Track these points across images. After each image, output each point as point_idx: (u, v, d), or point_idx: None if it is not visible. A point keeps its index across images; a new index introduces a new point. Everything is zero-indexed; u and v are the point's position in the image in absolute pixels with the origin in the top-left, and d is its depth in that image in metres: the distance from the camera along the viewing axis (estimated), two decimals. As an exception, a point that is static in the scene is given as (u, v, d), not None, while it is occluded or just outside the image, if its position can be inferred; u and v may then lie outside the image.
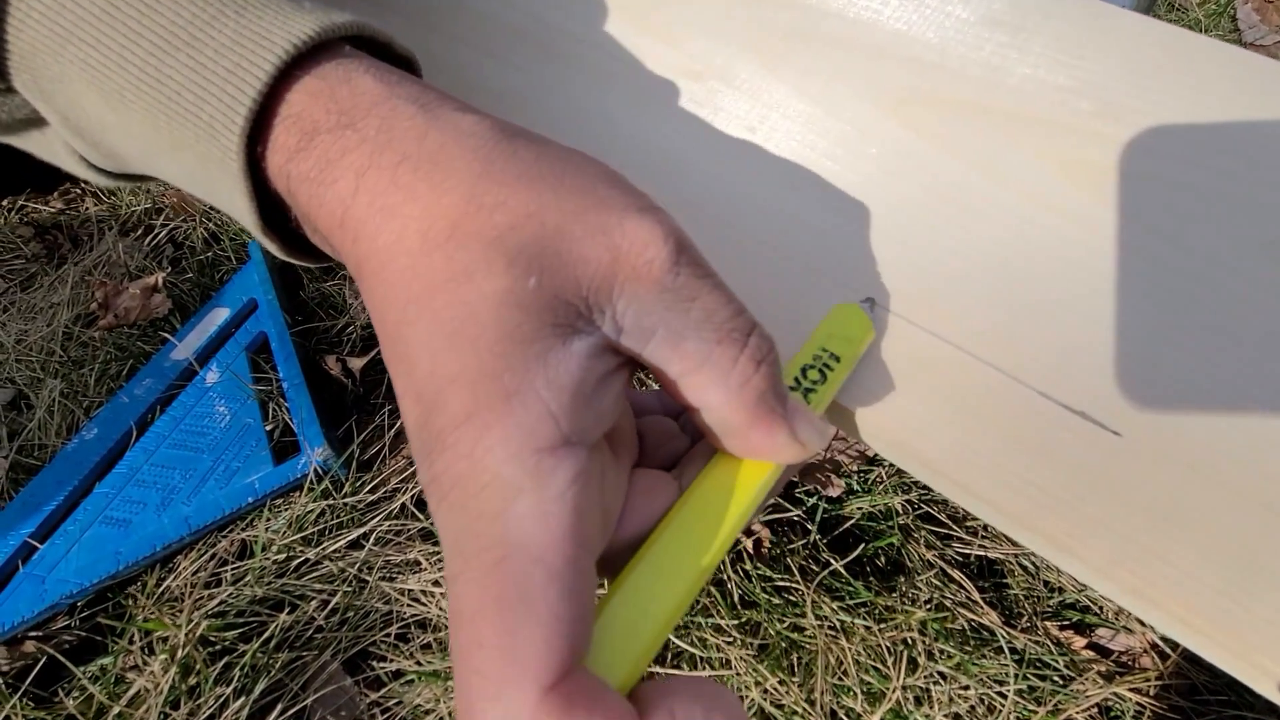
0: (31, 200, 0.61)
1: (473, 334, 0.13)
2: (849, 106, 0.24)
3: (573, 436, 0.13)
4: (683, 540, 0.15)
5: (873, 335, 0.20)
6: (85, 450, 0.40)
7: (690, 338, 0.14)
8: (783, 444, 0.15)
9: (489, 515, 0.12)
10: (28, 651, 0.31)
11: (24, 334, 0.49)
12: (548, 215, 0.14)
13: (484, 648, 0.12)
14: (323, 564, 0.35)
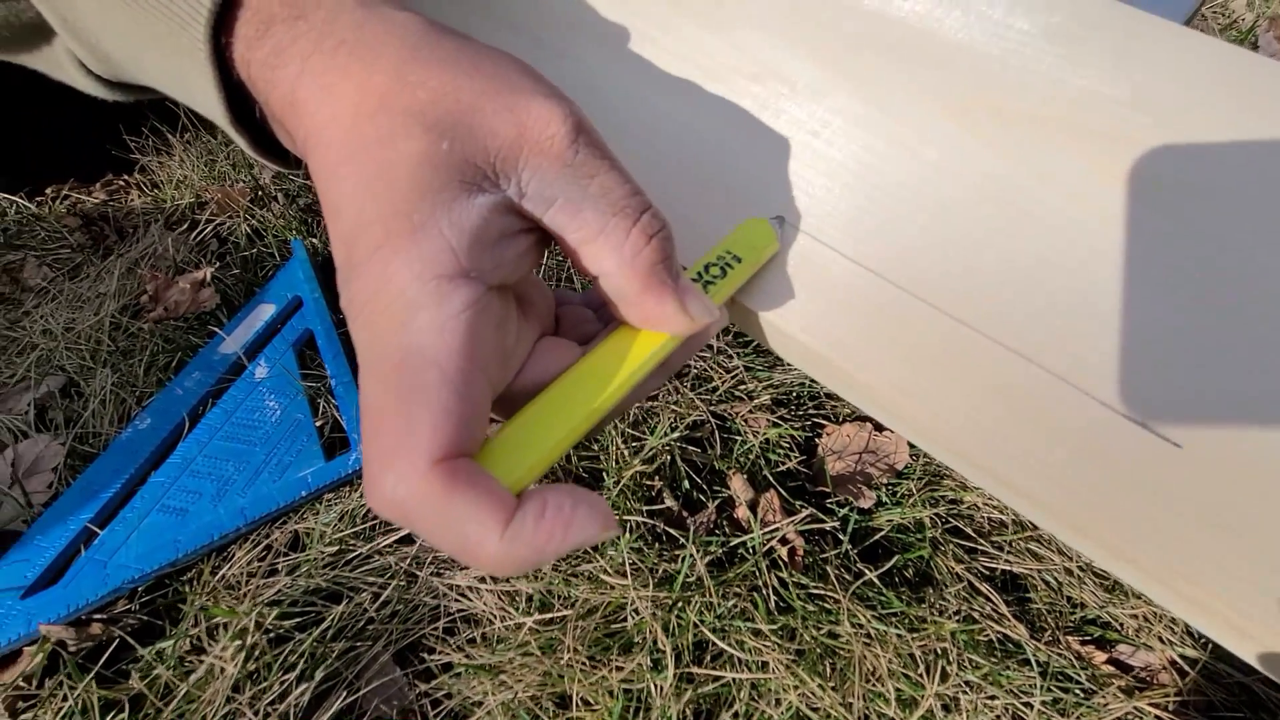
0: (75, 190, 0.62)
1: (389, 185, 0.15)
2: (911, 113, 0.24)
3: (471, 271, 0.15)
4: (574, 388, 0.17)
5: (777, 247, 0.23)
6: (139, 440, 0.41)
7: (587, 208, 0.17)
8: (671, 314, 0.18)
9: (394, 326, 0.15)
10: (94, 633, 0.33)
11: (72, 322, 0.51)
12: (463, 94, 0.17)
13: (383, 430, 0.14)
14: (374, 558, 0.36)
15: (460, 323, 0.15)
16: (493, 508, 0.14)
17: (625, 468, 0.40)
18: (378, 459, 0.14)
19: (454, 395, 0.14)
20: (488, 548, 0.14)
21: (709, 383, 0.46)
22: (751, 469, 0.42)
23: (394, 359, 0.14)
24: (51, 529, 0.37)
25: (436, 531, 0.14)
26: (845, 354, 0.21)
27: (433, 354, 0.14)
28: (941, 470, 0.43)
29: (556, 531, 0.14)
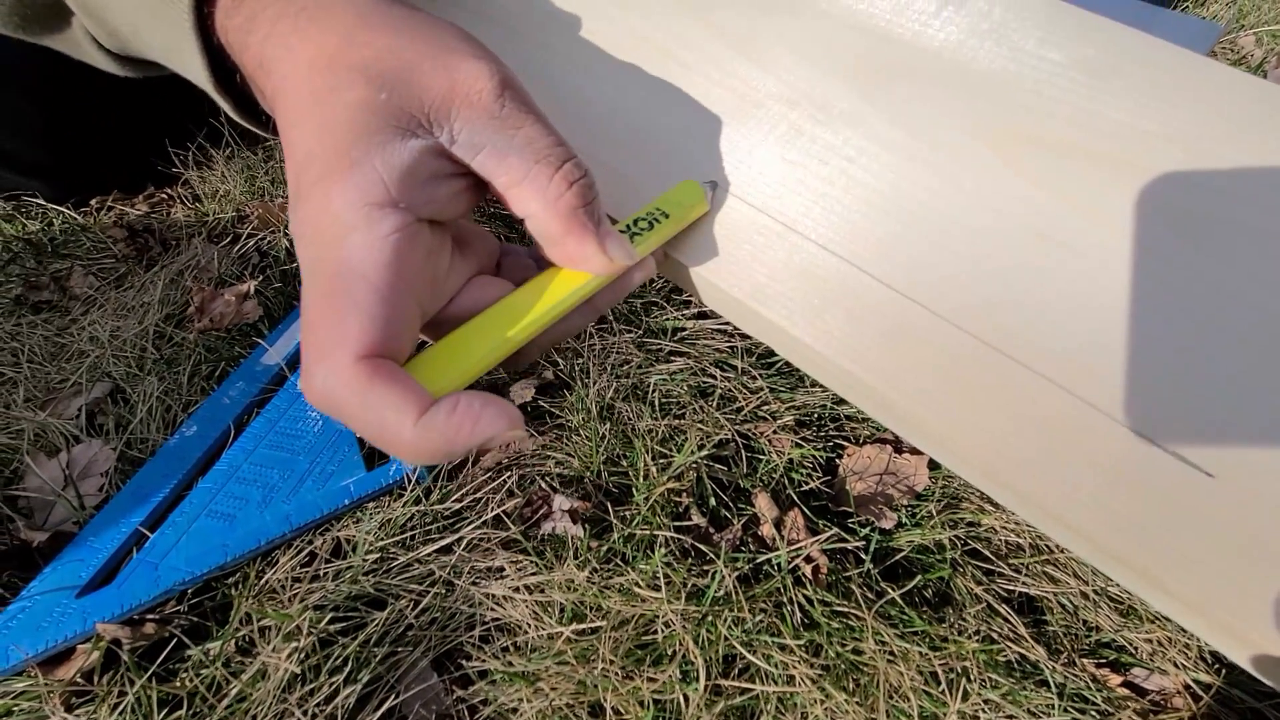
0: (119, 202, 0.65)
1: (333, 128, 0.18)
2: (946, 141, 0.25)
3: (400, 202, 0.17)
4: (498, 316, 0.19)
5: (706, 208, 0.25)
6: (186, 446, 0.43)
7: (513, 156, 0.19)
8: (591, 254, 0.20)
9: (331, 245, 0.17)
10: (148, 633, 0.34)
11: (118, 331, 0.53)
12: (403, 53, 0.19)
13: (317, 330, 0.17)
14: (414, 566, 0.38)
15: (388, 243, 0.17)
16: (409, 399, 0.16)
17: (655, 484, 0.41)
18: (311, 355, 0.17)
19: (379, 303, 0.17)
20: (403, 434, 0.16)
21: (734, 403, 0.47)
22: (775, 488, 0.43)
23: (329, 271, 0.17)
24: (104, 531, 0.39)
25: (359, 418, 0.16)
26: (886, 379, 0.22)
27: (362, 267, 0.17)
28: (960, 493, 0.44)
29: (465, 424, 0.16)
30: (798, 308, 0.24)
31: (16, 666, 0.34)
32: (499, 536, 0.39)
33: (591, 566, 0.38)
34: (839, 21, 0.29)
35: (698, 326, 0.52)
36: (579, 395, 0.47)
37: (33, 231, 0.61)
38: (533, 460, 0.43)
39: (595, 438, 0.44)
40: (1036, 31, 0.27)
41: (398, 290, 0.17)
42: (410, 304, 0.18)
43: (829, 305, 0.24)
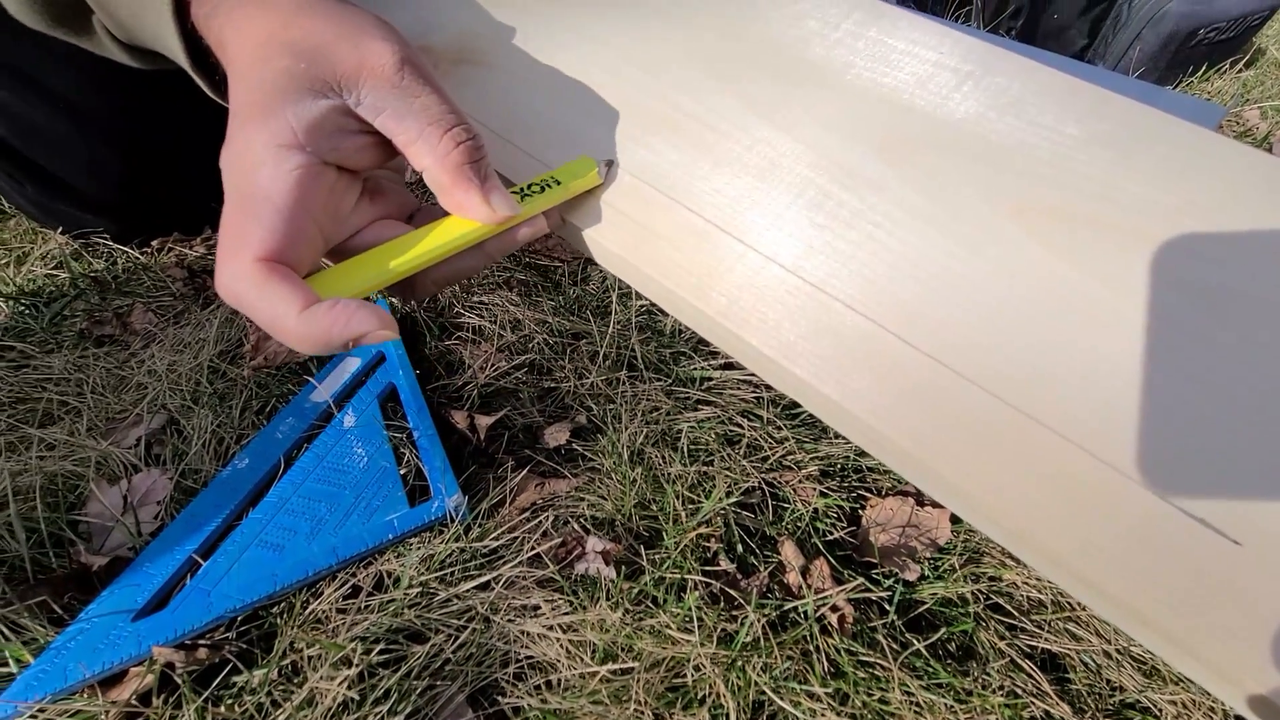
0: (178, 243, 0.69)
1: (260, 88, 0.22)
2: (967, 210, 0.27)
3: (307, 147, 0.22)
4: (391, 249, 0.23)
5: (598, 181, 0.29)
6: (238, 478, 0.45)
7: (410, 119, 0.23)
8: (476, 203, 0.24)
9: (246, 174, 0.22)
10: (200, 658, 0.35)
11: (174, 365, 0.55)
12: (324, 34, 0.23)
13: (227, 238, 0.21)
14: (453, 601, 0.39)
15: (291, 176, 0.21)
16: (297, 295, 0.20)
17: (685, 529, 0.43)
18: (221, 255, 0.21)
19: (279, 220, 0.21)
20: (289, 322, 0.20)
21: (760, 451, 0.49)
22: (801, 536, 0.44)
23: (243, 195, 0.21)
24: (159, 557, 0.41)
25: (255, 307, 0.21)
26: (911, 437, 0.24)
27: (267, 192, 0.21)
28: (982, 547, 0.45)
29: (340, 319, 0.20)
30: (826, 366, 0.26)
31: (75, 686, 0.35)
32: (535, 575, 0.40)
33: (624, 608, 0.39)
34: (864, 94, 0.31)
35: (724, 377, 0.54)
36: (611, 440, 0.49)
37: (98, 270, 0.65)
38: (567, 502, 0.45)
39: (626, 482, 0.46)
40: (1054, 107, 0.29)
41: (295, 213, 0.21)
42: (308, 226, 0.22)
43: (856, 364, 0.25)
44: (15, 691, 0.35)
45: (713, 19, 0.36)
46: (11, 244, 0.67)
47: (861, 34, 0.34)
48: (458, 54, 0.37)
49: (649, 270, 0.29)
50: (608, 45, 0.36)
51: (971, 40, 0.32)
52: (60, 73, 0.56)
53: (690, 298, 0.28)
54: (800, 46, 0.34)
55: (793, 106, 0.32)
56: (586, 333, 0.57)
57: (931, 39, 0.33)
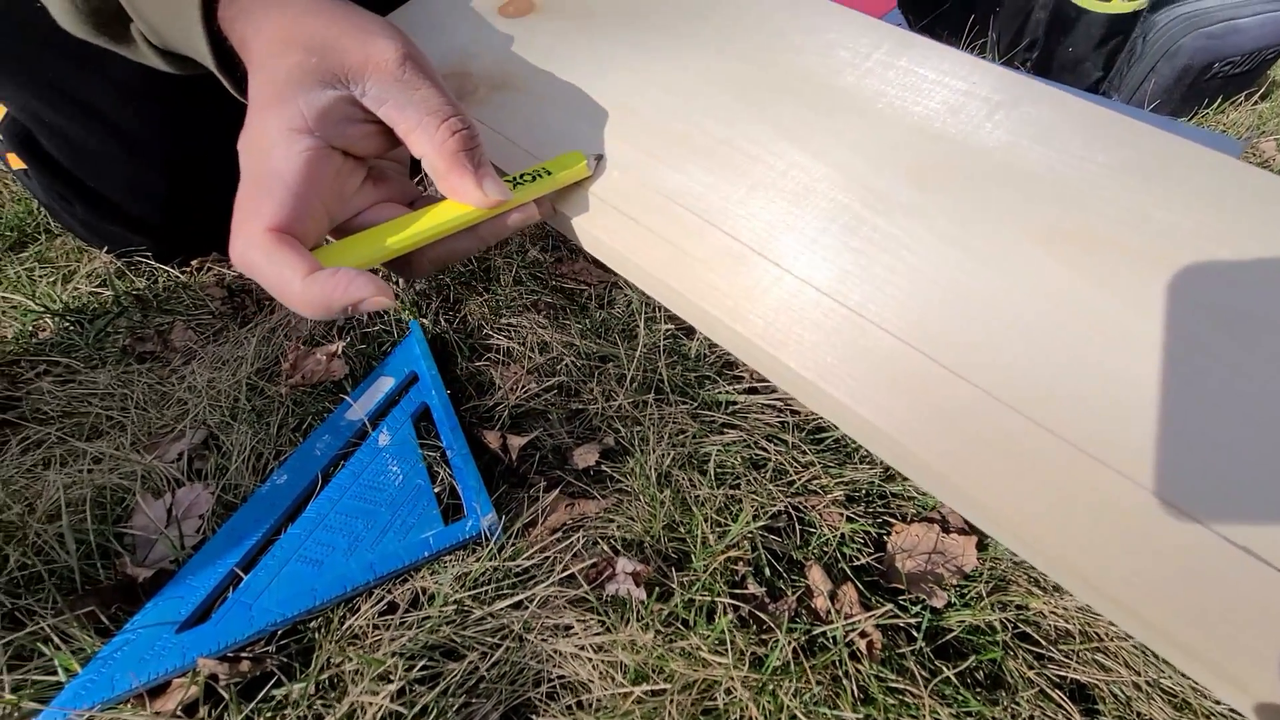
0: (217, 263, 0.71)
1: (275, 79, 0.25)
2: (998, 235, 0.28)
3: (315, 132, 0.25)
4: (390, 227, 0.26)
5: (587, 174, 0.32)
6: (277, 493, 0.46)
7: (410, 109, 0.26)
8: (470, 188, 0.26)
9: (260, 155, 0.24)
10: (243, 670, 0.36)
11: (213, 382, 0.57)
12: (334, 32, 0.26)
13: (241, 210, 0.24)
14: (487, 620, 0.40)
15: (301, 157, 0.24)
16: (302, 262, 0.22)
17: (713, 552, 0.44)
18: (235, 225, 0.23)
19: (288, 195, 0.23)
20: (294, 286, 0.22)
21: (786, 475, 0.50)
22: (827, 561, 0.45)
23: (257, 172, 0.24)
24: (201, 570, 0.42)
25: (264, 272, 0.23)
26: (946, 459, 0.24)
27: (278, 170, 0.24)
28: (1008, 575, 0.45)
29: (340, 284, 0.22)
30: (863, 388, 0.27)
31: (122, 695, 0.36)
32: (567, 595, 0.41)
33: (655, 629, 0.39)
34: (895, 121, 0.33)
35: (748, 401, 0.55)
36: (639, 461, 0.50)
37: (140, 288, 0.67)
38: (597, 523, 0.46)
39: (655, 504, 0.47)
40: (1082, 135, 0.30)
41: (304, 190, 0.24)
42: (315, 202, 0.24)
43: (893, 387, 0.26)
44: (65, 699, 0.36)
45: (744, 48, 0.37)
46: (58, 262, 0.70)
47: (892, 63, 0.35)
48: (499, 80, 0.39)
49: (686, 292, 0.30)
50: (641, 73, 0.37)
51: (1001, 70, 0.34)
52: (114, 100, 0.58)
53: (727, 320, 0.29)
54: (831, 75, 0.35)
55: (825, 133, 0.33)
56: (613, 355, 0.59)
57: (961, 69, 0.34)
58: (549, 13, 0.42)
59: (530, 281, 0.68)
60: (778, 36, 0.38)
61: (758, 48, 0.37)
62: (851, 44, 0.36)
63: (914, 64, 0.35)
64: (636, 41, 0.39)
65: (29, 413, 0.53)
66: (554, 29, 0.41)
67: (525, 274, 0.68)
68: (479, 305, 0.64)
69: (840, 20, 0.38)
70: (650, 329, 0.60)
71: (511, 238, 0.29)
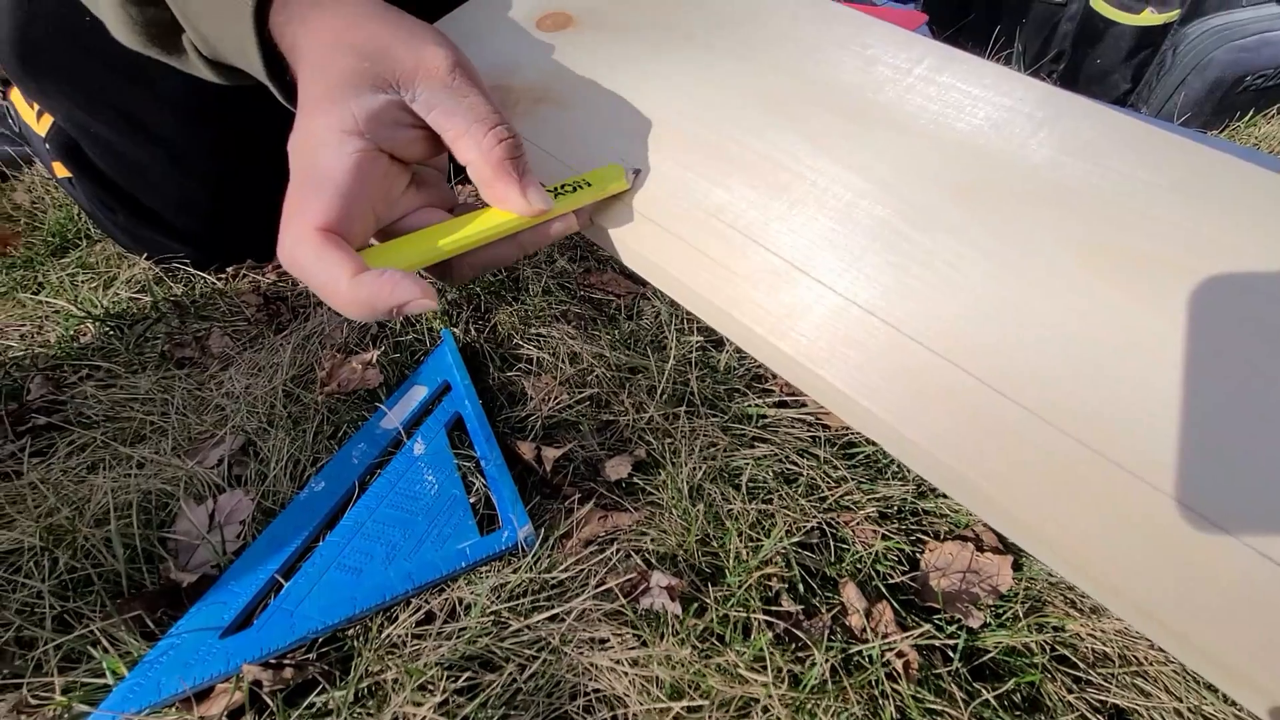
0: (251, 270, 0.72)
1: (328, 82, 0.26)
2: (1042, 253, 0.28)
3: (365, 135, 0.25)
4: (434, 232, 0.26)
5: (625, 186, 0.32)
6: (315, 501, 0.47)
7: (458, 115, 0.26)
8: (515, 195, 0.27)
9: (310, 155, 0.25)
10: (286, 677, 0.37)
11: (249, 388, 0.58)
12: (385, 37, 0.27)
13: (290, 209, 0.24)
14: (524, 632, 0.40)
15: (350, 158, 0.24)
16: (349, 262, 0.23)
17: (748, 568, 0.44)
18: (284, 224, 0.24)
19: (337, 195, 0.24)
20: (341, 286, 0.22)
21: (818, 491, 0.50)
22: (861, 579, 0.45)
23: (307, 172, 0.24)
24: (242, 576, 0.42)
25: (311, 271, 0.23)
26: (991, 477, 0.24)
27: (328, 170, 0.24)
28: (1044, 596, 0.45)
29: (386, 287, 0.22)
30: (906, 406, 0.26)
31: (168, 700, 0.37)
32: (602, 608, 0.41)
33: (691, 644, 0.39)
34: (937, 137, 0.33)
35: (779, 415, 0.55)
36: (670, 474, 0.50)
37: (178, 294, 0.68)
38: (630, 535, 0.46)
39: (688, 517, 0.47)
40: (1128, 152, 0.30)
41: (352, 190, 0.24)
42: (363, 204, 0.25)
43: (937, 405, 0.26)
44: (112, 702, 0.37)
45: (783, 64, 0.37)
46: (99, 268, 0.72)
47: (934, 79, 0.35)
48: (540, 93, 0.39)
49: (729, 309, 0.30)
50: (679, 87, 0.37)
51: (1045, 87, 0.33)
52: (158, 112, 0.60)
53: (771, 338, 0.29)
54: (872, 90, 0.35)
55: (867, 149, 0.33)
56: (643, 367, 0.59)
57: (1005, 84, 0.34)
58: (586, 27, 0.43)
59: (559, 292, 0.68)
60: (814, 51, 0.38)
61: (794, 62, 0.37)
62: (891, 59, 0.36)
63: (956, 79, 0.35)
64: (673, 56, 0.39)
65: (73, 416, 0.55)
66: (591, 43, 0.41)
67: (554, 284, 0.69)
68: (508, 315, 0.65)
69: (878, 35, 0.38)
70: (678, 341, 0.60)
71: (543, 248, 0.29)
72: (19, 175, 0.85)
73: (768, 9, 0.40)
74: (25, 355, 0.61)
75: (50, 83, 0.58)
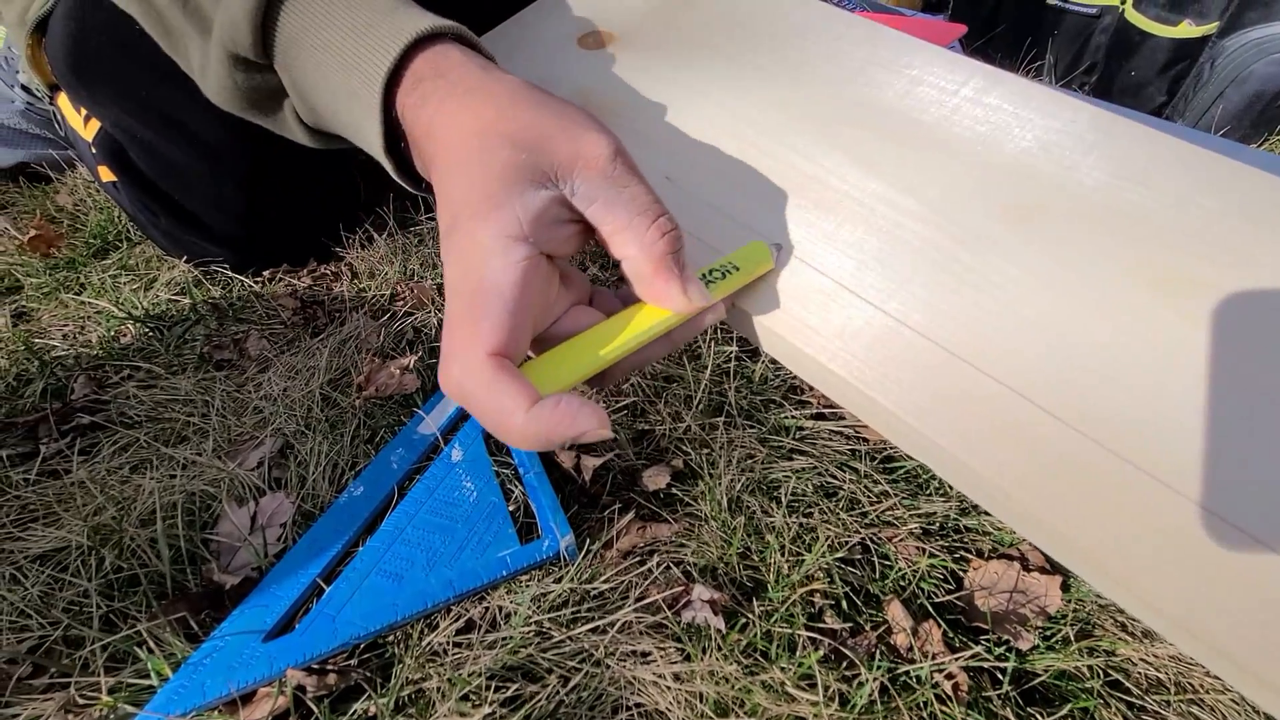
0: (287, 274, 0.73)
1: (485, 179, 0.23)
2: (1101, 278, 0.27)
3: (530, 238, 0.23)
4: (592, 337, 0.24)
5: (771, 266, 0.30)
6: (355, 505, 0.47)
7: (619, 208, 0.24)
8: (676, 293, 0.25)
9: (476, 266, 0.22)
10: (330, 683, 0.37)
11: (287, 390, 0.58)
12: (541, 126, 0.25)
13: (457, 332, 0.21)
14: (565, 643, 0.40)
15: (519, 268, 0.22)
16: (524, 392, 0.21)
17: (791, 583, 0.43)
18: (450, 351, 0.21)
19: (508, 313, 0.22)
20: (516, 418, 0.20)
21: (859, 506, 0.49)
22: (906, 597, 0.44)
23: (472, 287, 0.22)
24: (284, 579, 0.42)
25: (483, 403, 0.21)
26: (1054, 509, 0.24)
27: (498, 285, 0.22)
28: (1093, 619, 0.44)
29: (566, 418, 0.20)
30: (958, 430, 0.26)
31: (212, 702, 0.37)
32: (644, 621, 0.41)
33: (735, 660, 0.39)
34: (986, 158, 0.32)
35: (816, 427, 0.55)
36: (708, 486, 0.49)
37: (216, 297, 0.69)
38: (669, 547, 0.46)
39: (729, 530, 0.46)
40: (1184, 176, 0.29)
41: (522, 306, 0.22)
42: (529, 318, 0.23)
43: (993, 431, 0.25)
44: (158, 704, 0.37)
45: (830, 85, 0.37)
46: (139, 270, 0.73)
47: (980, 100, 0.35)
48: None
49: (778, 329, 0.30)
50: (721, 105, 0.37)
51: (1094, 109, 0.33)
52: (202, 119, 0.61)
53: (821, 358, 0.29)
54: (918, 110, 0.35)
55: (914, 169, 0.33)
56: (679, 376, 0.58)
57: (1053, 106, 0.34)
58: (627, 45, 0.43)
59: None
60: (860, 72, 0.38)
61: (837, 82, 0.37)
62: (936, 80, 0.36)
63: (1003, 100, 0.34)
64: (716, 75, 0.39)
65: (116, 416, 0.55)
66: (632, 62, 0.42)
67: (586, 292, 0.69)
68: (542, 322, 0.65)
69: (923, 56, 0.38)
70: (713, 350, 0.60)
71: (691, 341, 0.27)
72: (62, 179, 0.87)
73: (813, 30, 0.40)
74: (68, 354, 0.62)
75: (100, 90, 0.59)
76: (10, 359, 0.61)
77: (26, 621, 0.40)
